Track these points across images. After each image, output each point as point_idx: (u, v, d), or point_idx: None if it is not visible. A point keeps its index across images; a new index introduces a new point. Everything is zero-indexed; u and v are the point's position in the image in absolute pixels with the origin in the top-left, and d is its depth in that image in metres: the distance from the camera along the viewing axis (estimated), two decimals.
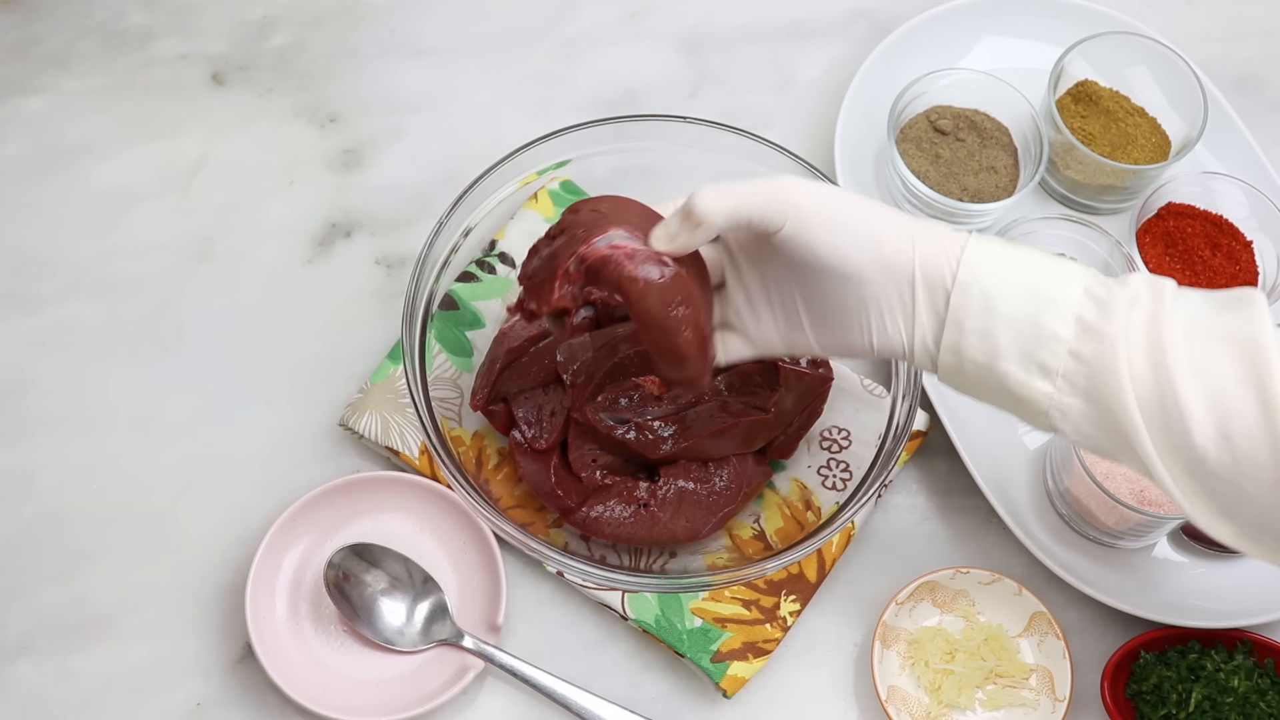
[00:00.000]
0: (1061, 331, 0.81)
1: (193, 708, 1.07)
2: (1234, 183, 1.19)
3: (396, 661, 1.07)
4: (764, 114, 1.28)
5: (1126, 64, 1.23)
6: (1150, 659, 1.08)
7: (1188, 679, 1.06)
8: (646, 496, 1.04)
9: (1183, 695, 1.05)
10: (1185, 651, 1.08)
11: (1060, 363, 0.81)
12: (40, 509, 1.12)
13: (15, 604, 1.09)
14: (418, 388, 1.00)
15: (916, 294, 0.84)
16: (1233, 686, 1.05)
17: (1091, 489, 1.06)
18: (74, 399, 1.15)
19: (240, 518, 1.11)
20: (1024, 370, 0.82)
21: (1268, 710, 1.05)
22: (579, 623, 1.11)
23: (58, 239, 1.20)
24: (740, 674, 1.07)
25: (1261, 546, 0.82)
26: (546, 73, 1.29)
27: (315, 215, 1.22)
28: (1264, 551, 0.82)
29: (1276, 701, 1.06)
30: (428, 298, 1.04)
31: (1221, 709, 1.05)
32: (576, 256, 0.88)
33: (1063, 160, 1.21)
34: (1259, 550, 0.82)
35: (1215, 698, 1.05)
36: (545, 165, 1.08)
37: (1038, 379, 0.82)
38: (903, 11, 1.29)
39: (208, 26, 1.28)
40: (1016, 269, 0.82)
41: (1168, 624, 1.09)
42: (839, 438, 1.10)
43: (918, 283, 0.84)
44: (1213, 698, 1.05)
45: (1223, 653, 1.08)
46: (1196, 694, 1.05)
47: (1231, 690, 1.05)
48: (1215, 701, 1.05)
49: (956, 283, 0.83)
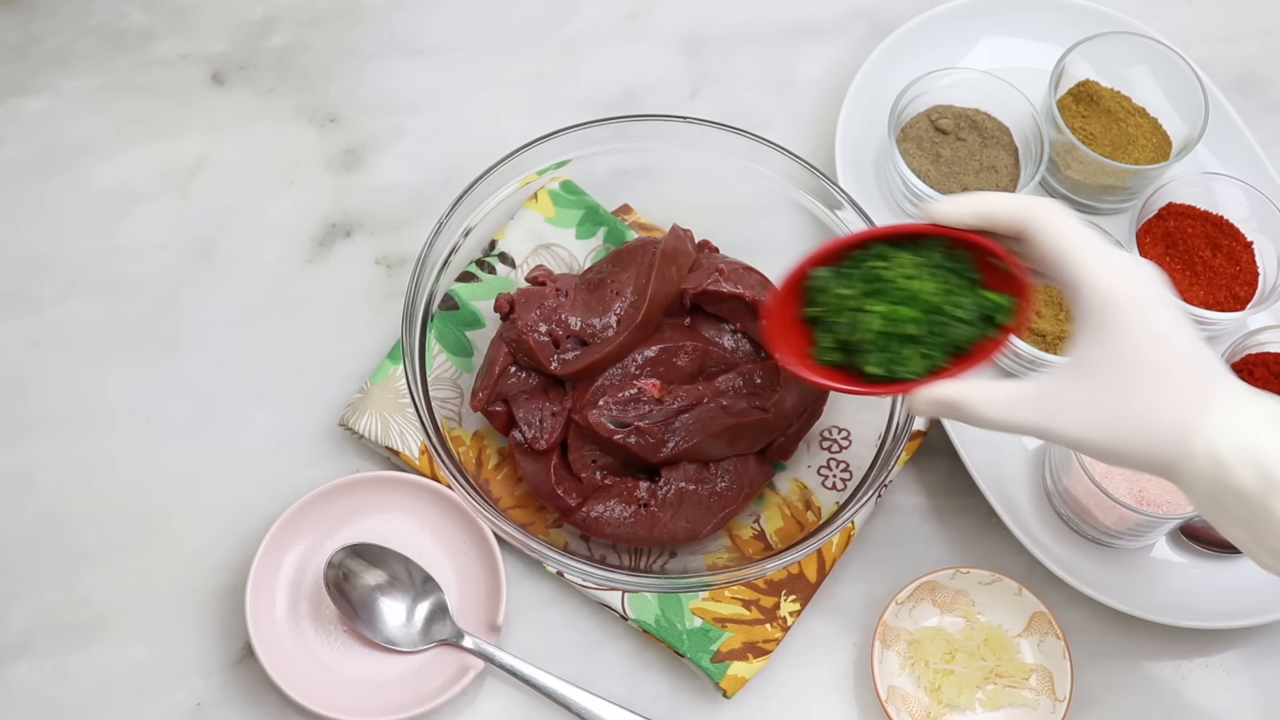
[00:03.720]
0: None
1: (193, 708, 1.07)
2: (1234, 183, 1.19)
3: (396, 661, 1.07)
4: (764, 114, 1.28)
5: (1127, 64, 1.23)
6: (826, 275, 0.93)
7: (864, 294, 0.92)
8: (646, 496, 1.04)
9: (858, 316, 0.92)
10: (861, 259, 0.92)
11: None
12: (40, 509, 1.12)
13: (15, 604, 1.09)
14: (418, 388, 1.00)
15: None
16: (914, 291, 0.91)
17: (1090, 489, 1.06)
18: (74, 399, 1.15)
19: (240, 518, 1.11)
20: (1252, 540, 0.83)
21: (958, 315, 0.91)
22: (579, 623, 1.11)
23: (58, 239, 1.20)
24: (740, 674, 1.07)
25: None
26: (546, 73, 1.29)
27: (315, 215, 1.22)
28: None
29: (972, 302, 0.91)
30: (428, 298, 1.04)
31: (904, 325, 0.91)
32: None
33: (1063, 160, 1.21)
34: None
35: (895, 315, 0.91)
36: (545, 165, 1.08)
37: (1264, 554, 0.83)
38: (903, 11, 1.29)
39: (208, 26, 1.28)
40: (1258, 443, 0.82)
41: (1168, 624, 1.09)
42: (839, 438, 1.10)
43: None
44: (892, 317, 0.91)
45: (912, 251, 0.92)
46: (875, 310, 0.91)
47: (915, 297, 0.91)
48: (894, 324, 0.91)
49: (1190, 453, 0.82)
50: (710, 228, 1.13)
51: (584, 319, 1.07)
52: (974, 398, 0.87)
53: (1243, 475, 0.81)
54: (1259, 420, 0.82)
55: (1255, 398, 0.84)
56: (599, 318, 1.07)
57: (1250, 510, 0.82)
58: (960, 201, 0.88)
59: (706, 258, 1.10)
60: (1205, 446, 0.82)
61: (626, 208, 1.19)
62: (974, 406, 0.86)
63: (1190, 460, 0.82)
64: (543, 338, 1.06)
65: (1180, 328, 0.85)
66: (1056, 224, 0.86)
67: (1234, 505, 0.82)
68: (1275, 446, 0.81)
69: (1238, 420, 0.82)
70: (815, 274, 0.92)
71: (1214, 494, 0.83)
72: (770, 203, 1.09)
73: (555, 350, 1.06)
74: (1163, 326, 0.84)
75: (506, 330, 1.07)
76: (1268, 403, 0.83)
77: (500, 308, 1.08)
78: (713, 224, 1.13)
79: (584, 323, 1.07)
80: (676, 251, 1.07)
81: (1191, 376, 0.84)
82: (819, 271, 0.92)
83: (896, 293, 0.89)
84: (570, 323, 1.07)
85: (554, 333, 1.06)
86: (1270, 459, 0.81)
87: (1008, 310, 0.89)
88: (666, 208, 1.15)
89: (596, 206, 1.17)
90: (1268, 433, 0.82)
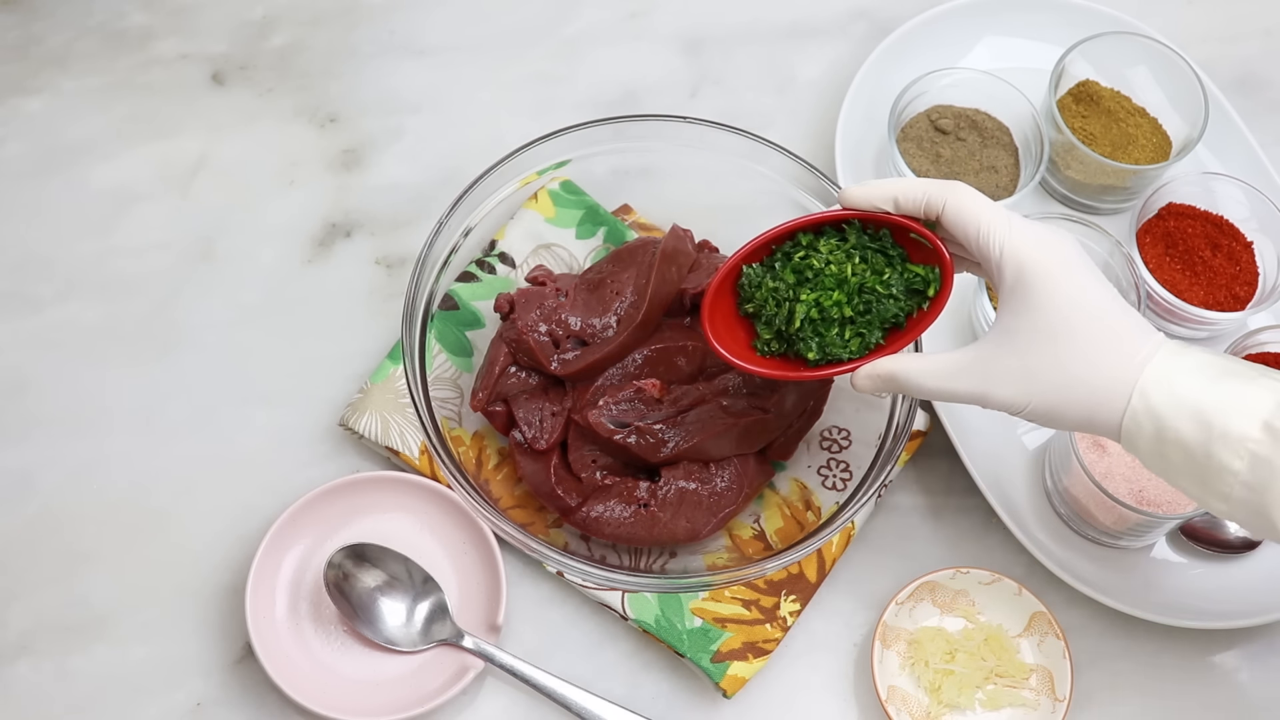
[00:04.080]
0: (1234, 465, 0.84)
1: (193, 708, 1.07)
2: (1234, 183, 1.19)
3: (396, 661, 1.07)
4: (764, 114, 1.28)
5: (1127, 64, 1.23)
6: (755, 271, 0.96)
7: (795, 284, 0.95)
8: (647, 496, 1.04)
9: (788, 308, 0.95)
10: (789, 251, 0.96)
11: (1234, 491, 0.85)
12: (40, 509, 1.12)
13: (15, 604, 1.09)
14: (418, 388, 1.00)
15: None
16: (845, 276, 0.94)
17: (1090, 489, 1.06)
18: (73, 399, 1.15)
19: (240, 518, 1.11)
20: (1199, 489, 0.86)
21: (885, 292, 0.94)
22: (579, 623, 1.11)
23: (57, 239, 1.20)
24: (740, 674, 1.07)
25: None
26: (546, 73, 1.29)
27: (315, 215, 1.22)
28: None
29: (897, 278, 0.94)
30: (428, 298, 1.04)
31: (833, 310, 0.94)
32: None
33: (1063, 160, 1.21)
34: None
35: (824, 303, 0.94)
36: (545, 165, 1.08)
37: (1213, 499, 0.86)
38: (903, 11, 1.29)
39: (208, 26, 1.28)
40: (1193, 395, 0.85)
41: (1168, 624, 1.09)
42: (839, 438, 1.10)
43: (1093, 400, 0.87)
44: (821, 303, 0.94)
45: (832, 238, 0.95)
46: (806, 299, 0.94)
47: (845, 282, 0.94)
48: (824, 310, 0.94)
49: (1129, 409, 0.86)
50: (710, 228, 1.13)
51: (584, 319, 1.07)
52: (912, 370, 0.91)
53: (1183, 427, 0.85)
54: (1190, 371, 0.86)
55: (1185, 350, 0.87)
56: (599, 318, 1.07)
57: (1194, 461, 0.85)
58: (872, 186, 0.92)
59: (706, 258, 1.10)
60: (1143, 402, 0.86)
61: (626, 208, 1.19)
62: (913, 378, 0.91)
63: (1132, 418, 0.86)
64: (543, 338, 1.06)
65: (1100, 288, 0.89)
66: (970, 201, 0.90)
67: (1179, 458, 0.85)
68: (1209, 395, 0.85)
69: (1171, 374, 0.86)
70: (746, 271, 0.96)
71: (1158, 449, 0.86)
72: (770, 203, 1.09)
73: (555, 350, 1.06)
74: (1083, 288, 0.88)
75: (506, 330, 1.07)
76: (1197, 354, 0.87)
77: (500, 308, 1.08)
78: (713, 224, 1.13)
79: (584, 323, 1.07)
80: (676, 251, 1.07)
81: (1118, 335, 0.87)
82: (749, 268, 0.96)
83: (824, 279, 0.94)
84: (570, 323, 1.07)
85: (554, 333, 1.06)
86: (1207, 407, 0.84)
87: (935, 281, 0.93)
88: (666, 208, 1.15)
89: (596, 206, 1.17)
90: (1200, 382, 0.85)
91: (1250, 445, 0.83)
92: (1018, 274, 0.88)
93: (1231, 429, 0.84)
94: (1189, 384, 0.85)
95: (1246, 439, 0.83)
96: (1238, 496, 0.85)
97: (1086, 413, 0.87)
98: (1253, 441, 0.83)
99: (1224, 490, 0.85)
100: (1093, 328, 0.87)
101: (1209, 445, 0.84)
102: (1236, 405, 0.84)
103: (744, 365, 0.96)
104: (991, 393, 0.89)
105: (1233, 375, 0.86)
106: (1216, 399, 0.85)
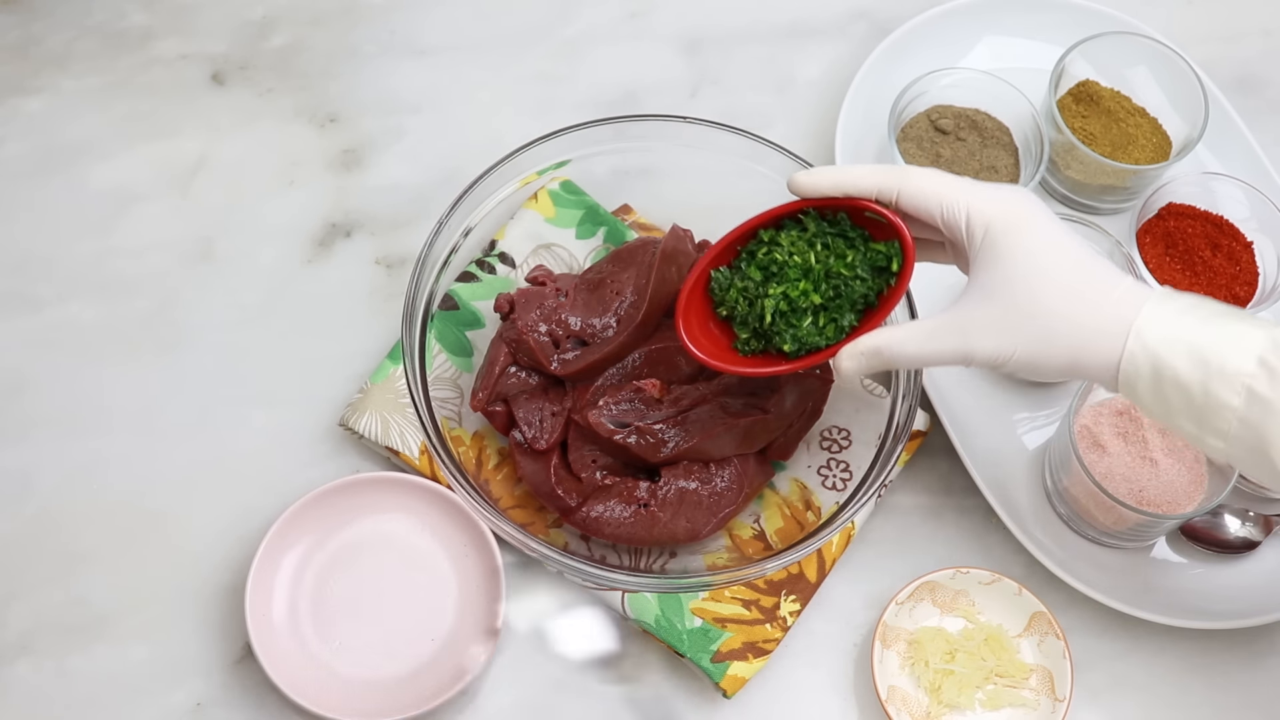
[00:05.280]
0: (1232, 401, 0.85)
1: (193, 708, 1.07)
2: (1234, 183, 1.19)
3: (396, 661, 1.07)
4: (764, 114, 1.28)
5: (1127, 64, 1.23)
6: (723, 274, 0.98)
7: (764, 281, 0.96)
8: (647, 497, 1.04)
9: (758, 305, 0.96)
10: (753, 250, 0.97)
11: (1232, 428, 0.86)
12: (39, 509, 1.12)
13: (15, 604, 1.09)
14: (418, 388, 1.00)
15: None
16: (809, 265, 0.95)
17: (1090, 489, 1.06)
18: (73, 399, 1.15)
19: (240, 518, 1.11)
20: (1197, 428, 0.87)
21: (850, 274, 0.95)
22: (579, 623, 1.11)
23: (57, 239, 1.20)
24: (740, 674, 1.07)
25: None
26: (546, 73, 1.29)
27: (315, 215, 1.22)
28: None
29: (860, 258, 0.95)
30: (428, 298, 1.04)
31: (801, 300, 0.95)
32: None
33: (1063, 160, 1.21)
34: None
35: (792, 295, 0.95)
36: (545, 165, 1.08)
37: (1210, 437, 0.87)
38: (903, 11, 1.29)
39: (208, 26, 1.28)
40: (1189, 334, 0.86)
41: (1168, 624, 1.09)
42: (839, 438, 1.10)
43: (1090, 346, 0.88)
44: (789, 295, 0.95)
45: (793, 230, 0.97)
46: (773, 294, 0.96)
47: (809, 270, 0.95)
48: (793, 301, 0.95)
49: (1126, 352, 0.87)
50: (710, 228, 1.12)
51: (584, 319, 1.07)
52: (894, 340, 0.92)
53: (1180, 366, 0.85)
54: (1183, 312, 0.87)
55: (1174, 294, 0.88)
56: (599, 318, 1.07)
57: (1192, 400, 0.86)
58: (821, 174, 0.93)
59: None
60: (1139, 343, 0.86)
61: (626, 208, 1.19)
62: (896, 348, 0.92)
63: (1130, 360, 0.87)
64: (543, 338, 1.06)
65: (1069, 236, 0.90)
66: (924, 183, 0.91)
67: (1177, 398, 0.86)
68: (1204, 334, 0.86)
69: (1166, 316, 0.87)
70: (714, 275, 0.98)
71: (1156, 388, 0.87)
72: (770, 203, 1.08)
73: (555, 350, 1.06)
74: (1053, 236, 0.89)
75: (506, 330, 1.07)
76: (1186, 297, 0.88)
77: (500, 308, 1.08)
78: (713, 224, 1.12)
79: (584, 323, 1.07)
80: (676, 251, 1.07)
81: (1096, 277, 0.88)
82: (717, 272, 0.98)
83: (790, 271, 0.95)
84: (570, 323, 1.07)
85: (554, 333, 1.06)
86: (1203, 345, 0.85)
87: (897, 255, 0.94)
88: (666, 208, 1.15)
89: (596, 206, 1.17)
90: (1193, 322, 0.86)
91: (1246, 380, 0.84)
92: (986, 231, 0.89)
93: (1228, 365, 0.85)
94: (1183, 324, 0.86)
95: (1243, 374, 0.84)
96: (1235, 434, 0.86)
97: (1071, 358, 0.88)
98: (1249, 377, 0.84)
99: (1222, 428, 0.86)
100: (1070, 272, 0.88)
101: (1206, 383, 0.85)
102: (1232, 342, 0.85)
103: (725, 367, 0.97)
104: (974, 348, 0.90)
105: (1224, 315, 0.87)
106: (1211, 337, 0.85)
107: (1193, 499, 1.09)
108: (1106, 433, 1.10)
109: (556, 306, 1.07)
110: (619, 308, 1.07)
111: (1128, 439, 1.10)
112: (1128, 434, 1.10)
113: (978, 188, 0.91)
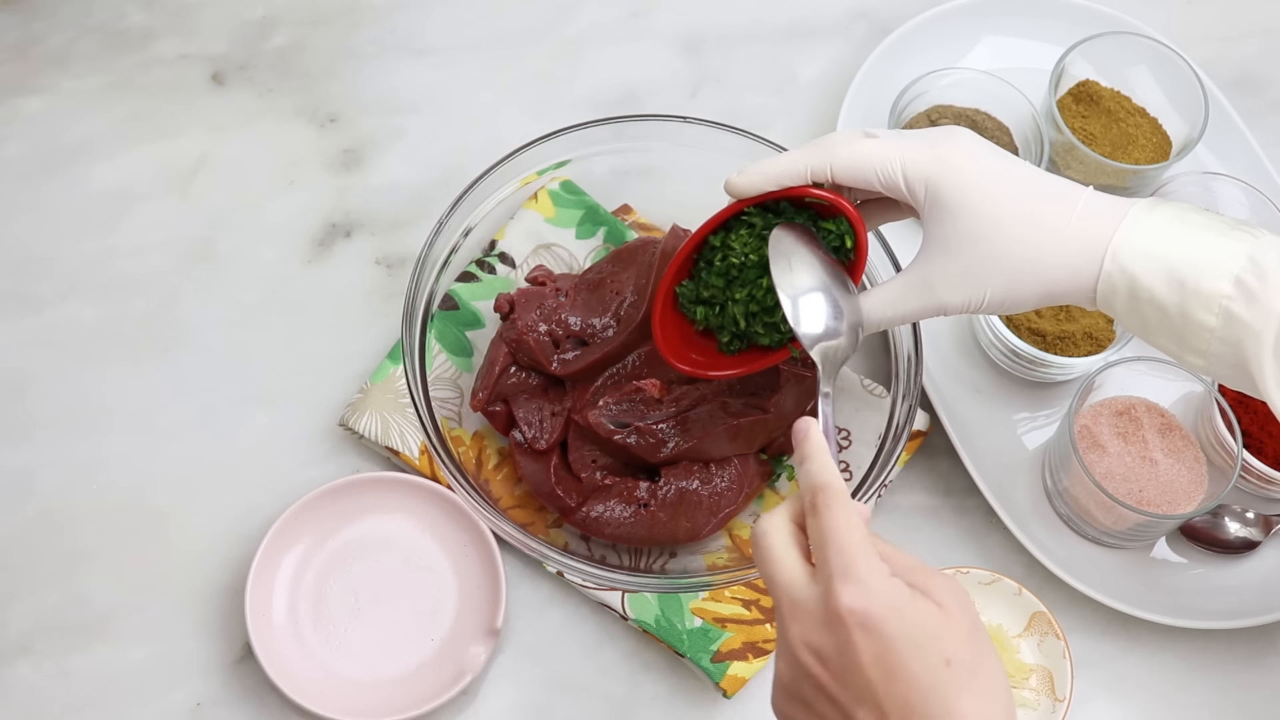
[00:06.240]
0: (1209, 321, 0.84)
1: (193, 708, 1.07)
2: (1234, 183, 1.19)
3: (396, 661, 1.07)
4: (764, 114, 1.28)
5: (1127, 64, 1.23)
6: (688, 288, 0.99)
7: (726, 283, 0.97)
8: (647, 497, 1.04)
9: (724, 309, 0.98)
10: (709, 258, 0.97)
11: (1210, 346, 0.85)
12: (40, 509, 1.12)
13: (15, 604, 1.09)
14: (418, 388, 1.00)
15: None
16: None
17: (1090, 489, 1.06)
18: (74, 399, 1.15)
19: (240, 518, 1.11)
20: (1177, 347, 0.87)
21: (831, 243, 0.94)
22: (579, 623, 1.11)
23: (57, 239, 1.20)
24: (740, 674, 1.07)
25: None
26: (546, 73, 1.29)
27: (315, 215, 1.22)
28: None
29: (834, 230, 0.94)
30: (428, 298, 1.04)
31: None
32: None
33: (1064, 160, 1.21)
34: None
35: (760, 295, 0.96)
36: (545, 165, 1.08)
37: (1191, 355, 0.86)
38: (903, 11, 1.29)
39: (208, 26, 1.28)
40: (1166, 251, 0.85)
41: (1168, 624, 1.09)
42: (839, 438, 1.10)
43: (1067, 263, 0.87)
44: (755, 295, 0.96)
45: (741, 229, 0.96)
46: (739, 298, 0.96)
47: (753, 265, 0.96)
48: (760, 300, 0.96)
49: (1103, 273, 0.86)
50: None
51: (584, 319, 1.07)
52: (864, 309, 0.92)
53: (1156, 286, 0.85)
54: (1161, 226, 0.86)
55: (1156, 206, 0.87)
56: (599, 318, 1.07)
57: (1170, 320, 0.85)
58: (753, 172, 0.92)
59: None
60: (1115, 264, 0.85)
61: (626, 208, 1.19)
62: (867, 315, 0.92)
63: (1106, 281, 0.86)
64: (543, 338, 1.06)
65: (1011, 163, 0.89)
66: (851, 151, 0.90)
67: (1155, 317, 0.86)
68: (1181, 251, 0.85)
69: (1142, 233, 0.85)
70: (680, 291, 0.99)
71: (1133, 308, 0.86)
72: None
73: (555, 350, 1.06)
74: (996, 171, 0.88)
75: (506, 330, 1.07)
76: (1167, 209, 0.86)
77: (500, 308, 1.08)
78: None
79: (584, 323, 1.07)
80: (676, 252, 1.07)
81: (1056, 201, 0.87)
82: (681, 288, 0.99)
83: (749, 271, 0.95)
84: (570, 323, 1.07)
85: (554, 333, 1.06)
86: (1179, 265, 0.84)
87: (848, 231, 0.93)
88: (666, 208, 1.15)
89: (596, 206, 1.17)
90: (1171, 238, 0.85)
91: (1223, 301, 0.84)
92: (927, 185, 0.88)
93: (1204, 286, 0.84)
94: (1160, 241, 0.85)
95: (1219, 295, 0.84)
96: (1215, 351, 0.85)
97: (1043, 289, 0.87)
98: (1225, 298, 0.84)
99: (1201, 346, 0.85)
100: (1019, 201, 0.87)
101: (1183, 304, 0.84)
102: (1209, 261, 0.84)
103: (712, 375, 0.99)
104: (944, 301, 0.89)
105: (1204, 229, 0.86)
106: (1188, 255, 0.84)
107: (1193, 499, 1.09)
108: (1106, 433, 1.10)
109: (556, 306, 1.07)
110: (619, 308, 1.07)
111: (1128, 439, 1.10)
112: (1128, 434, 1.10)
113: (905, 141, 0.89)
